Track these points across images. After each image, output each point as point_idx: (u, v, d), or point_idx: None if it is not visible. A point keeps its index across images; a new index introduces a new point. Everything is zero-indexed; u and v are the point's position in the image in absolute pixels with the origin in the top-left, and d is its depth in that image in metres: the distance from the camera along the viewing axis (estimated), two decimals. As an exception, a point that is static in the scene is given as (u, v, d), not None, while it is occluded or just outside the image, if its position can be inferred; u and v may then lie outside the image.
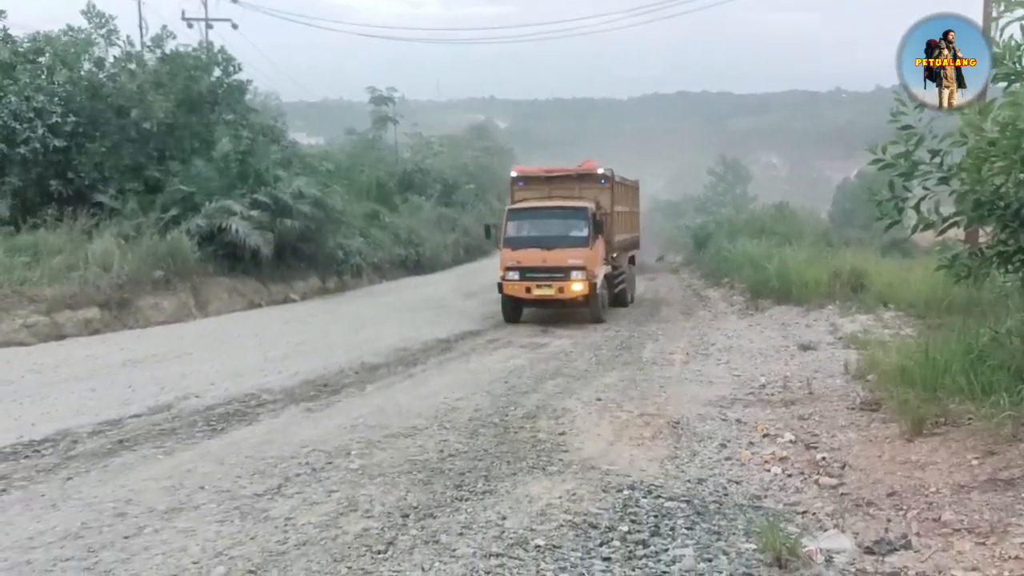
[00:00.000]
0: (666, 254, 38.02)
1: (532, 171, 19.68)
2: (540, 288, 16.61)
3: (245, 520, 5.38)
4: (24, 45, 20.37)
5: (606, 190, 18.49)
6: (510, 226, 17.40)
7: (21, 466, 6.69)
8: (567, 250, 16.56)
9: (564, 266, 16.42)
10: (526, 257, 16.66)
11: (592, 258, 16.70)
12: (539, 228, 17.36)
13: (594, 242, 16.77)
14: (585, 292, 16.55)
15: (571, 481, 6.23)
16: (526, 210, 17.74)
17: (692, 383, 10.61)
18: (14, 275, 14.63)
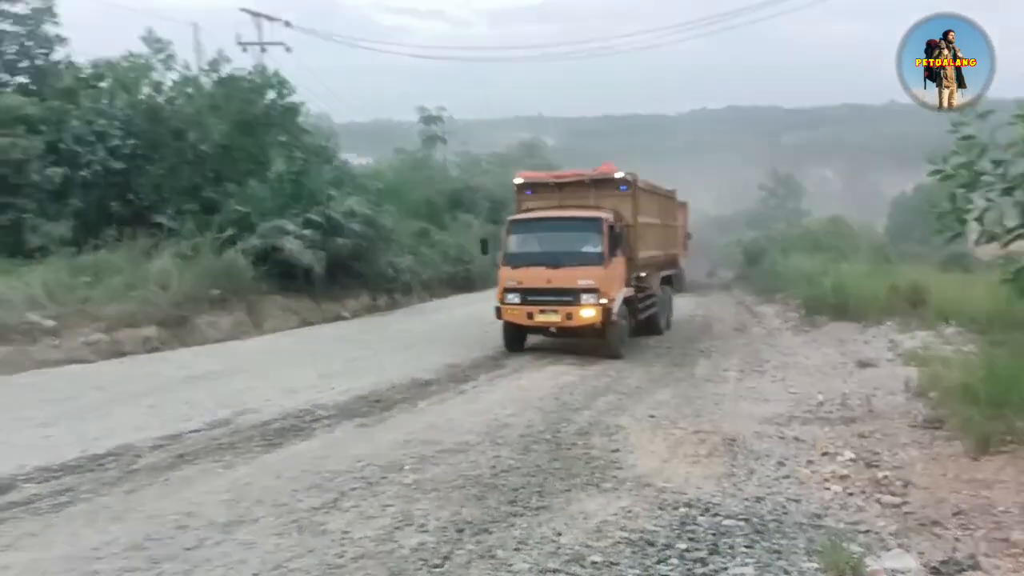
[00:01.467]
0: (717, 270, 37.63)
1: (540, 177, 17.18)
2: (544, 314, 14.07)
3: (303, 533, 5.43)
4: (86, 71, 21.09)
5: (627, 198, 15.61)
6: (511, 240, 14.92)
7: (86, 479, 6.85)
8: (577, 269, 13.94)
9: (572, 288, 13.83)
10: (528, 277, 14.24)
11: (607, 278, 14.03)
12: (544, 242, 14.85)
13: (611, 259, 14.17)
14: (598, 319, 13.87)
15: (626, 498, 6.17)
16: (529, 221, 15.21)
17: (747, 400, 10.47)
18: (76, 294, 15.03)
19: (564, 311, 13.93)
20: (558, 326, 14.28)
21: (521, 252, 14.72)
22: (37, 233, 17.20)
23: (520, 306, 14.29)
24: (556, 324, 14.21)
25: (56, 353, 13.52)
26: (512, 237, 14.96)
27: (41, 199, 17.83)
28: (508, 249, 14.82)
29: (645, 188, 16.82)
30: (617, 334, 14.43)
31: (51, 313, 14.10)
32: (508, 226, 15.21)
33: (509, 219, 15.42)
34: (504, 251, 14.87)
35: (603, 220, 14.30)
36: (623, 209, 15.38)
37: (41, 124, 18.36)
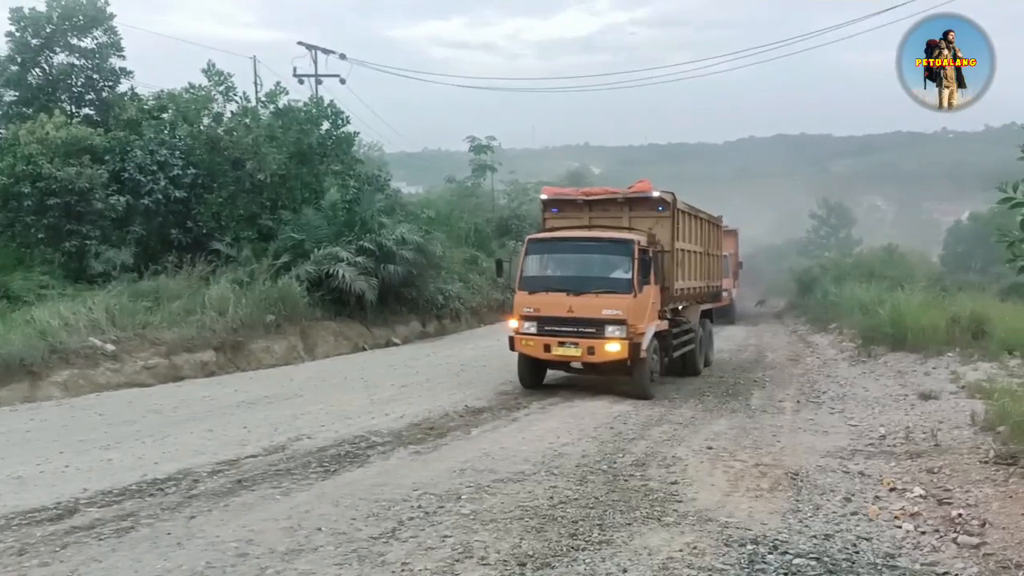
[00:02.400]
0: (768, 299, 37.08)
1: (568, 193, 15.42)
2: (564, 347, 12.63)
3: (363, 564, 5.40)
4: (149, 103, 21.69)
5: (665, 220, 13.99)
6: (529, 262, 13.45)
7: (146, 504, 6.92)
8: (602, 297, 12.55)
9: (596, 318, 12.42)
10: (547, 304, 12.83)
11: (637, 309, 12.56)
12: (566, 266, 13.49)
13: (641, 288, 12.69)
14: (624, 355, 12.34)
15: (690, 533, 6.03)
16: (550, 241, 13.72)
17: (806, 432, 10.24)
18: (136, 319, 15.35)
19: (586, 344, 12.47)
20: (579, 361, 12.80)
21: (540, 275, 13.34)
22: (100, 259, 17.64)
23: (537, 337, 12.84)
24: (576, 359, 12.73)
25: (116, 377, 13.80)
26: (530, 258, 13.46)
27: (104, 226, 18.30)
28: (525, 272, 13.32)
29: (686, 211, 15.17)
30: (646, 372, 12.88)
31: (112, 337, 14.41)
32: (526, 246, 13.71)
33: (528, 238, 13.98)
34: (520, 274, 13.36)
35: (634, 243, 12.77)
36: (659, 232, 13.81)
37: (106, 154, 18.90)
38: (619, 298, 12.50)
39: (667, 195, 14.11)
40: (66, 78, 21.07)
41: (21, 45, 20.44)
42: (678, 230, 14.41)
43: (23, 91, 20.84)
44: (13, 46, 20.45)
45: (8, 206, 17.59)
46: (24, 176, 17.26)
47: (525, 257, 13.49)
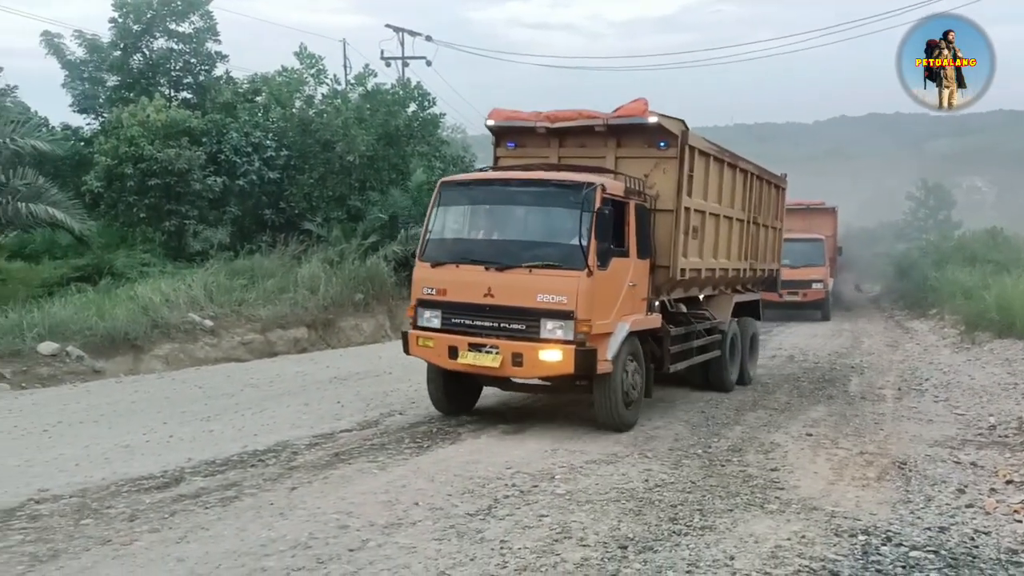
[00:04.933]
0: (862, 283, 35.85)
1: (525, 118, 10.30)
2: (476, 352, 8.49)
3: (462, 540, 5.39)
4: (244, 86, 22.22)
5: (669, 163, 9.64)
6: (437, 218, 9.26)
7: (249, 474, 7.08)
8: (539, 274, 8.38)
9: (527, 308, 8.34)
10: (456, 283, 8.77)
11: (595, 294, 8.29)
12: (489, 224, 9.40)
13: (605, 261, 8.43)
14: (568, 368, 8.19)
15: (796, 522, 5.82)
16: (469, 186, 9.64)
17: (910, 421, 9.84)
18: (233, 296, 15.81)
19: (510, 349, 8.31)
20: (498, 374, 8.63)
21: (450, 240, 9.32)
22: (198, 238, 18.27)
23: (439, 333, 8.82)
24: (493, 371, 8.52)
25: (214, 351, 14.25)
26: (439, 214, 9.25)
27: (202, 207, 18.89)
28: (431, 233, 9.20)
29: (709, 152, 10.61)
30: (614, 393, 8.67)
31: (210, 314, 14.88)
32: (436, 194, 9.34)
33: (440, 182, 9.57)
34: (424, 237, 9.25)
35: (591, 189, 8.37)
36: (659, 181, 9.70)
37: (203, 136, 19.44)
38: (564, 276, 8.23)
39: (672, 122, 9.66)
40: (165, 62, 21.73)
41: (123, 31, 21.14)
42: (691, 180, 9.96)
43: (125, 76, 21.57)
44: (116, 32, 21.17)
45: (112, 187, 18.28)
46: (127, 158, 17.90)
47: (433, 212, 9.20)
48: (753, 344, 13.50)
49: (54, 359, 12.17)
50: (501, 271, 8.54)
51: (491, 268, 8.58)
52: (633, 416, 9.23)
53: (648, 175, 9.77)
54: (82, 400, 10.50)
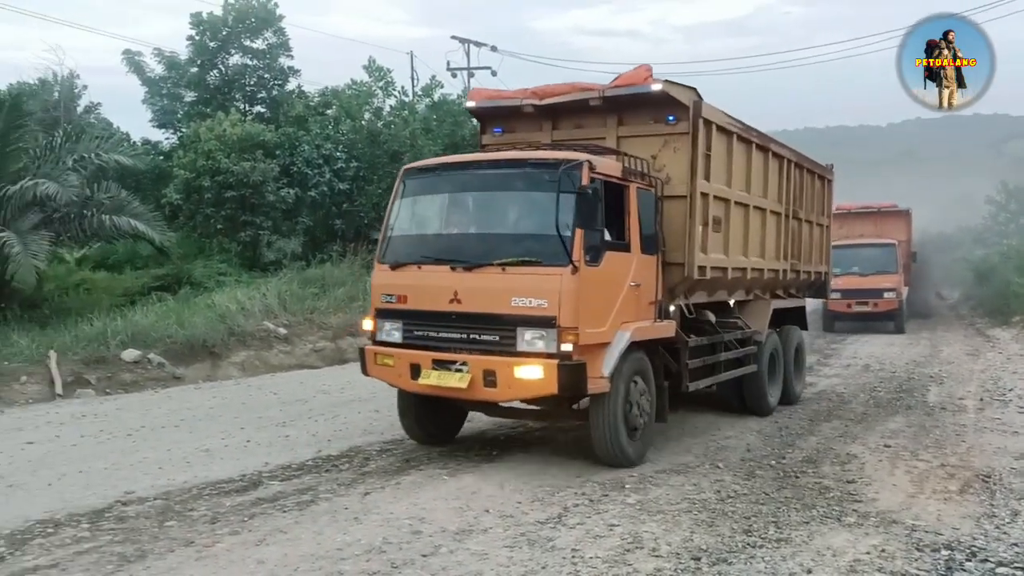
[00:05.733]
0: (941, 290, 34.70)
1: (510, 96, 9.04)
2: (440, 370, 7.21)
3: (533, 548, 5.41)
4: (315, 100, 22.77)
5: (679, 140, 8.23)
6: (400, 212, 8.03)
7: (323, 479, 7.23)
8: (513, 273, 7.02)
9: (499, 315, 7.03)
10: (418, 287, 7.52)
11: (585, 296, 6.92)
12: (455, 217, 8.08)
13: (596, 256, 7.08)
14: (550, 388, 6.80)
15: (875, 535, 5.68)
16: (434, 173, 8.13)
17: (993, 433, 9.49)
18: (305, 304, 16.20)
19: (480, 366, 6.99)
20: (466, 397, 7.28)
21: (413, 236, 8.00)
22: (272, 248, 18.76)
23: (400, 349, 7.57)
24: (459, 394, 7.18)
25: (288, 358, 14.61)
26: (402, 206, 8.02)
27: (275, 218, 19.43)
28: (393, 228, 7.99)
29: (730, 128, 9.02)
30: (613, 419, 7.27)
31: (284, 321, 15.27)
32: (398, 183, 8.09)
33: (404, 169, 8.23)
34: (384, 233, 8.08)
35: (573, 167, 6.99)
36: (669, 163, 8.29)
37: (276, 149, 20.00)
38: (544, 275, 6.86)
39: (681, 90, 8.21)
40: (240, 78, 22.44)
41: (200, 48, 21.91)
42: (709, 160, 8.49)
43: (202, 91, 22.35)
44: (193, 49, 21.97)
45: (190, 199, 18.93)
46: (204, 171, 18.51)
47: (395, 204, 7.99)
48: (799, 357, 11.89)
49: (136, 366, 12.63)
50: (470, 271, 7.21)
51: (458, 268, 7.28)
52: (640, 448, 7.72)
53: (656, 156, 8.33)
54: (163, 405, 10.88)
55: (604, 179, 7.30)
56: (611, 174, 7.46)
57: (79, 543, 5.53)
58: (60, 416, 10.12)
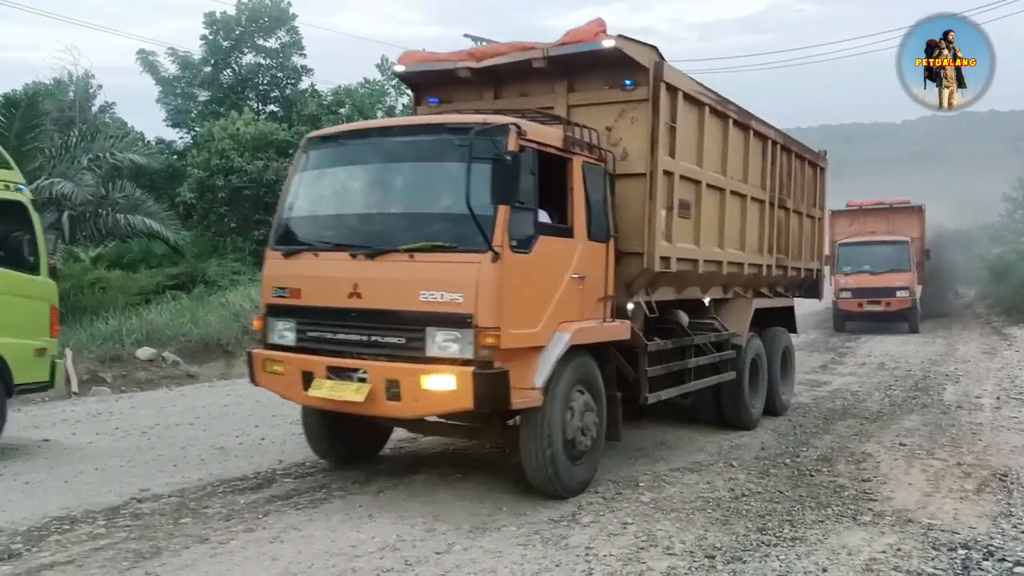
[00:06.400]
0: (957, 288, 34.44)
1: (444, 58, 7.98)
2: (336, 379, 6.12)
3: (547, 546, 5.40)
4: (328, 98, 22.82)
5: (637, 108, 7.15)
6: (299, 188, 6.91)
7: (337, 477, 7.24)
8: (422, 261, 5.94)
9: (405, 312, 5.96)
10: (314, 279, 6.42)
11: (508, 289, 5.79)
12: (362, 191, 6.94)
13: (527, 242, 6.01)
14: (465, 403, 5.69)
15: (891, 534, 5.65)
16: (341, 139, 7.14)
17: (1010, 431, 9.42)
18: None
19: (381, 374, 5.92)
20: (363, 412, 6.19)
21: (310, 217, 6.93)
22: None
23: (294, 353, 6.46)
24: (357, 408, 6.04)
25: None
26: (300, 181, 6.90)
27: (288, 216, 19.46)
28: (290, 208, 6.88)
29: (701, 99, 7.96)
30: (547, 439, 6.14)
31: (297, 320, 15.29)
32: (297, 155, 7.06)
33: (306, 138, 7.20)
34: (278, 215, 6.97)
35: (492, 130, 5.93)
36: (626, 134, 7.21)
37: (289, 148, 20.02)
38: (458, 263, 5.79)
39: (639, 48, 7.10)
40: (253, 77, 22.55)
41: (214, 48, 22.02)
42: (674, 134, 7.43)
43: (215, 91, 22.47)
44: (207, 49, 22.09)
45: (204, 198, 19.03)
46: (218, 170, 18.60)
47: (294, 180, 6.90)
48: (786, 363, 10.79)
49: (151, 364, 12.71)
50: (373, 258, 6.07)
51: (359, 255, 6.15)
52: (584, 474, 6.60)
53: (612, 127, 7.22)
54: (178, 403, 10.94)
55: (539, 149, 6.20)
56: (548, 143, 6.34)
57: (95, 540, 5.56)
58: (76, 414, 10.20)
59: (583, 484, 6.62)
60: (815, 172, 11.54)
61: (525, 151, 6.01)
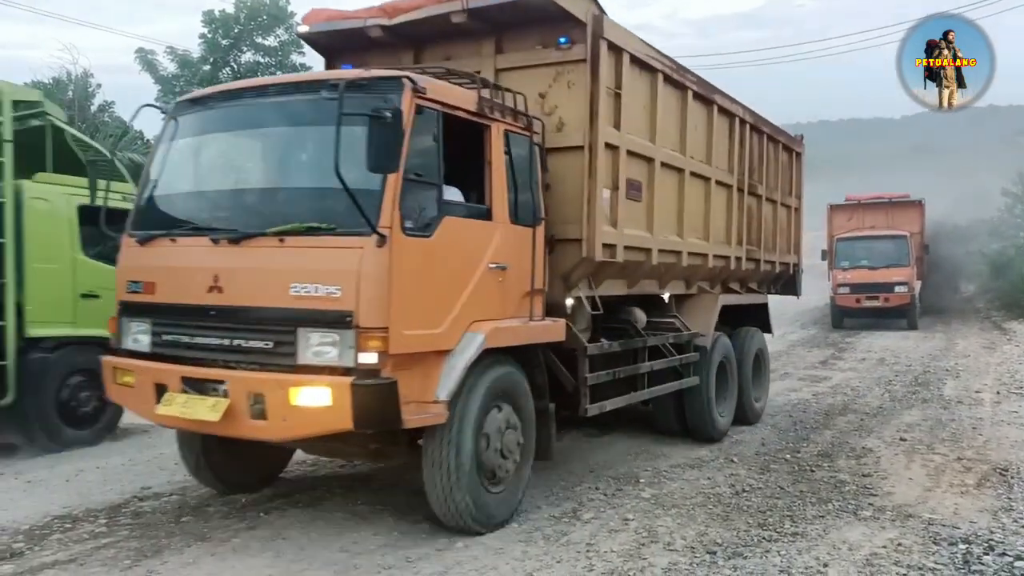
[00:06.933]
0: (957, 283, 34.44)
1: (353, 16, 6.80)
2: (192, 394, 5.05)
3: (548, 543, 5.41)
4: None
5: (574, 70, 6.25)
6: (164, 159, 5.83)
7: (336, 475, 7.27)
8: (290, 248, 4.88)
9: (272, 310, 4.90)
10: (170, 270, 5.36)
11: (401, 280, 4.76)
12: (229, 164, 6.07)
13: (425, 223, 4.99)
14: (343, 421, 4.62)
15: (891, 529, 5.66)
16: (210, 102, 5.80)
17: (1010, 426, 9.44)
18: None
19: (243, 387, 4.90)
20: (220, 433, 5.25)
21: (170, 196, 5.85)
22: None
23: (147, 361, 5.43)
24: (213, 430, 5.10)
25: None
26: (165, 153, 5.86)
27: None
28: (150, 187, 5.81)
29: (653, 64, 7.08)
30: (454, 464, 5.24)
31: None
32: (166, 121, 5.90)
33: (175, 103, 6.00)
34: (139, 194, 5.94)
35: (374, 87, 4.94)
36: (563, 102, 6.33)
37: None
38: (336, 248, 4.83)
39: (575, 1, 6.21)
40: (252, 75, 22.49)
41: (212, 46, 22.02)
42: (620, 101, 6.55)
43: (215, 89, 22.45)
44: (205, 47, 22.08)
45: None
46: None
47: (157, 151, 5.89)
48: (759, 367, 9.83)
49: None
50: (237, 244, 5.03)
51: (222, 240, 5.08)
52: (504, 503, 5.66)
53: (546, 94, 6.34)
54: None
55: (445, 111, 5.20)
56: (456, 105, 5.33)
57: (96, 538, 5.57)
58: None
59: (504, 516, 5.66)
60: (791, 157, 10.71)
61: (424, 112, 5.00)
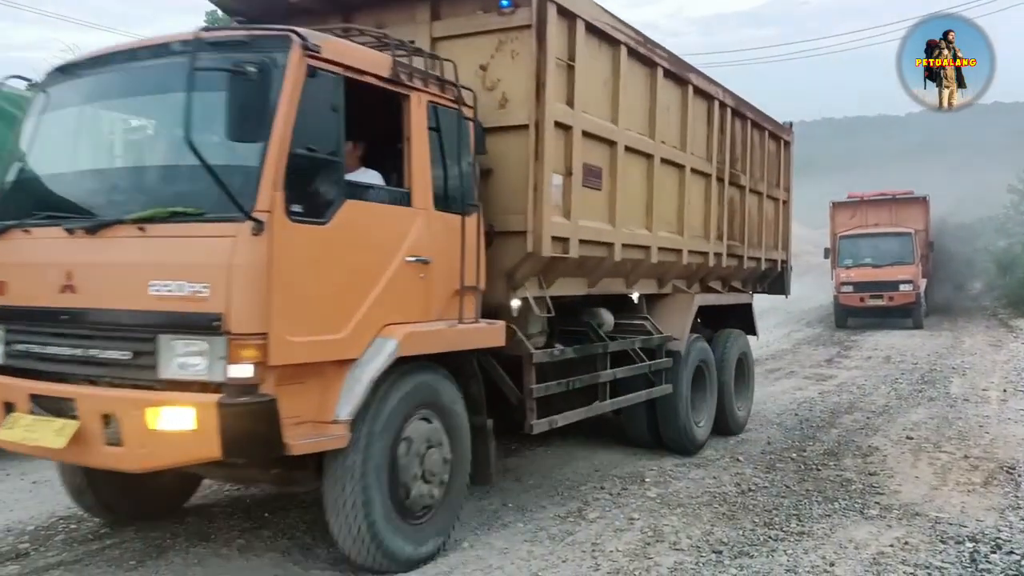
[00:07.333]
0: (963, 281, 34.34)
1: None
2: (39, 416, 4.26)
3: (554, 542, 5.39)
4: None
5: (519, 38, 5.42)
6: (31, 138, 4.89)
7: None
8: (152, 238, 4.05)
9: (129, 314, 4.11)
10: (21, 267, 4.58)
11: (284, 275, 3.96)
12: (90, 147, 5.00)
13: (324, 209, 4.19)
14: (211, 449, 3.84)
15: (898, 528, 5.63)
16: (83, 71, 4.77)
17: (1017, 424, 9.42)
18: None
19: (94, 407, 4.08)
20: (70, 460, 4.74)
21: (29, 180, 4.90)
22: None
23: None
24: (58, 457, 4.55)
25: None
26: (31, 131, 4.92)
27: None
28: (10, 172, 4.94)
29: (612, 34, 6.32)
30: (363, 492, 4.42)
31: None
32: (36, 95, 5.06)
33: (47, 73, 4.98)
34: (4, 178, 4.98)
35: (269, 47, 4.07)
36: (506, 75, 5.55)
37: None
38: (204, 236, 3.99)
39: None
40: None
41: (216, 46, 21.97)
42: (573, 75, 5.80)
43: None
44: (209, 48, 22.03)
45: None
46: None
47: (24, 129, 4.98)
48: (742, 372, 9.12)
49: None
50: (93, 234, 4.25)
51: (77, 230, 4.32)
52: (426, 539, 4.89)
53: (487, 65, 5.57)
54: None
55: (349, 76, 4.40)
56: (364, 69, 4.52)
57: (101, 539, 5.55)
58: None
59: (430, 550, 4.89)
60: (779, 146, 9.90)
61: (319, 76, 4.19)
